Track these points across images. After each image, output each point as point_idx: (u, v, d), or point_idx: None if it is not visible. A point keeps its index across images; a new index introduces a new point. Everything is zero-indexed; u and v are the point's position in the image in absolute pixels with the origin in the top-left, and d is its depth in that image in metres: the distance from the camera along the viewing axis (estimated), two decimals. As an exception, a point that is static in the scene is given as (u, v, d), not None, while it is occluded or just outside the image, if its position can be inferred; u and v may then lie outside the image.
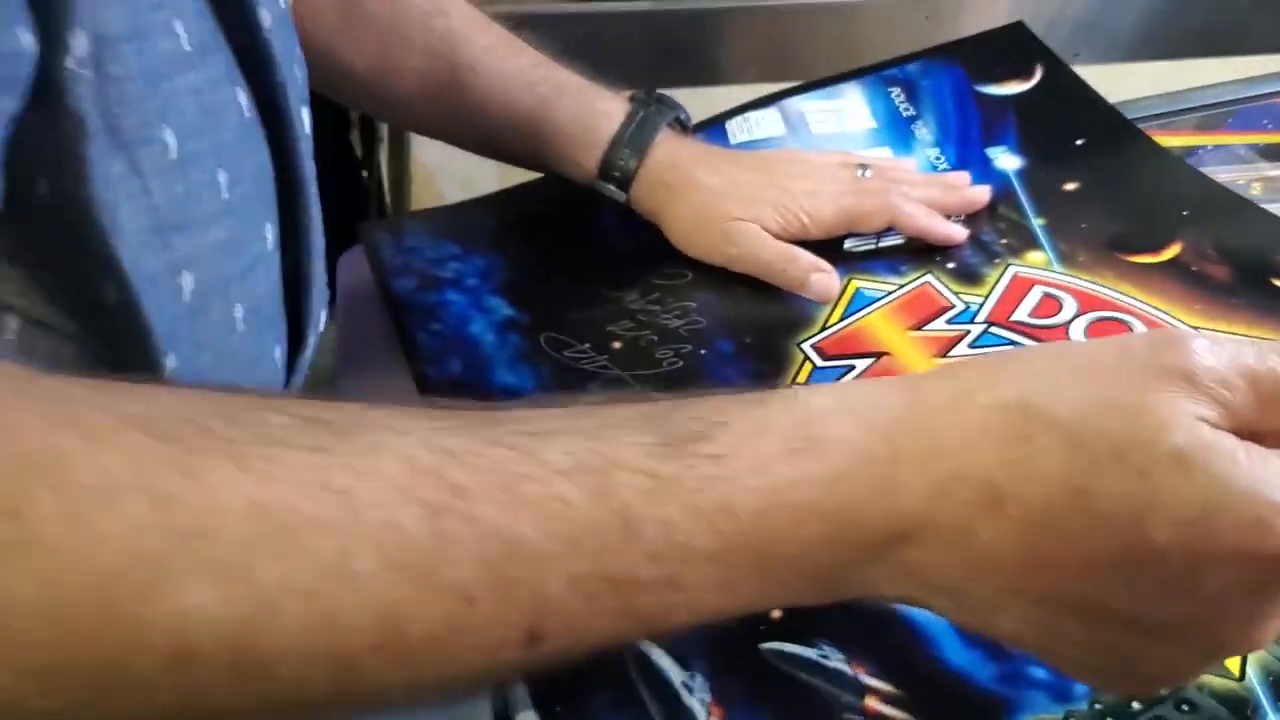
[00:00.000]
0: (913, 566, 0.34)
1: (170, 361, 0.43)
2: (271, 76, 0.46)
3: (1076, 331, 0.60)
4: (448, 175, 1.04)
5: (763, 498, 0.33)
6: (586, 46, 1.02)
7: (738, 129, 0.78)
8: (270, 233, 0.48)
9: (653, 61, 1.05)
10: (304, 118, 0.49)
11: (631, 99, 0.71)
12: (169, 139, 0.41)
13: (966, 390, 0.34)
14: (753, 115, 0.79)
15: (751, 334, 0.63)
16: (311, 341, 0.54)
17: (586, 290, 0.68)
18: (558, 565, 0.31)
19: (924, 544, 0.33)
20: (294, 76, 0.48)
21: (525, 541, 0.31)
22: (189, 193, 0.42)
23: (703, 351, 0.63)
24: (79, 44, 0.36)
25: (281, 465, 0.30)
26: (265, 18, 0.45)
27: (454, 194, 0.98)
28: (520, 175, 0.78)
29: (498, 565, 0.31)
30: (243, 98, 0.45)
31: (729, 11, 1.08)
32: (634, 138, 0.68)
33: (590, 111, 0.69)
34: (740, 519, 0.32)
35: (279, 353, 0.51)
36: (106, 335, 0.41)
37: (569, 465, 0.32)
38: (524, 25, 0.84)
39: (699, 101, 1.07)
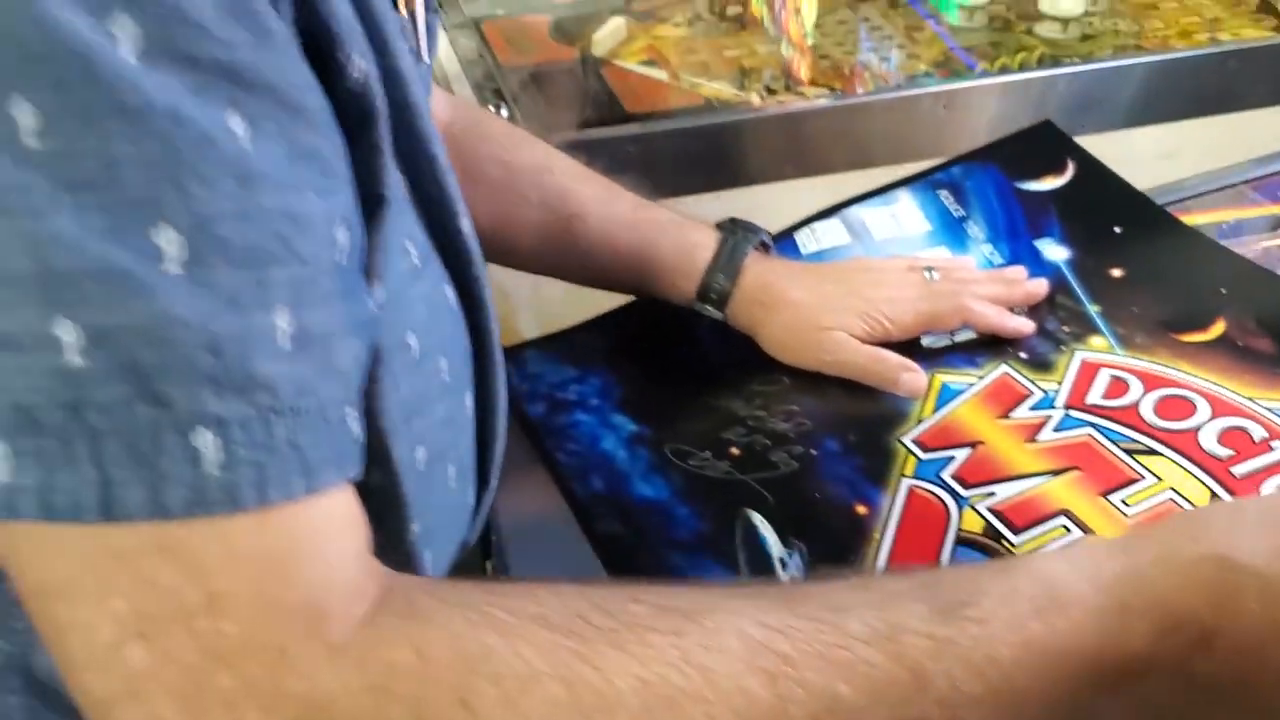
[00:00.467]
0: (1138, 697, 0.42)
1: (416, 528, 0.50)
2: (470, 271, 0.55)
3: (1146, 410, 0.68)
4: (517, 293, 1.12)
5: (1019, 650, 0.41)
6: (641, 161, 1.12)
7: (806, 240, 0.87)
8: (469, 400, 0.56)
9: (700, 169, 1.14)
10: (491, 298, 0.57)
11: (719, 228, 0.79)
12: (412, 341, 0.49)
13: (1172, 548, 0.43)
14: (818, 226, 0.87)
15: (855, 432, 0.71)
16: (494, 484, 0.62)
17: (695, 401, 0.76)
18: (867, 716, 0.40)
19: (1149, 678, 0.42)
20: (484, 268, 0.56)
21: (843, 699, 0.39)
22: (424, 381, 0.50)
23: (813, 452, 0.71)
24: (379, 294, 0.44)
25: (652, 647, 0.38)
26: (465, 225, 0.54)
27: (524, 308, 1.06)
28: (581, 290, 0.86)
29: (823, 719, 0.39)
30: (449, 292, 0.54)
31: (762, 119, 1.17)
32: (726, 263, 0.77)
33: (687, 244, 0.78)
34: (1003, 667, 0.41)
35: (472, 499, 0.59)
36: (369, 513, 0.49)
37: (867, 634, 0.40)
38: (584, 149, 0.93)
39: (747, 200, 1.17)
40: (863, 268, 0.80)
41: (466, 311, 0.55)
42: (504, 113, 1.12)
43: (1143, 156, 1.18)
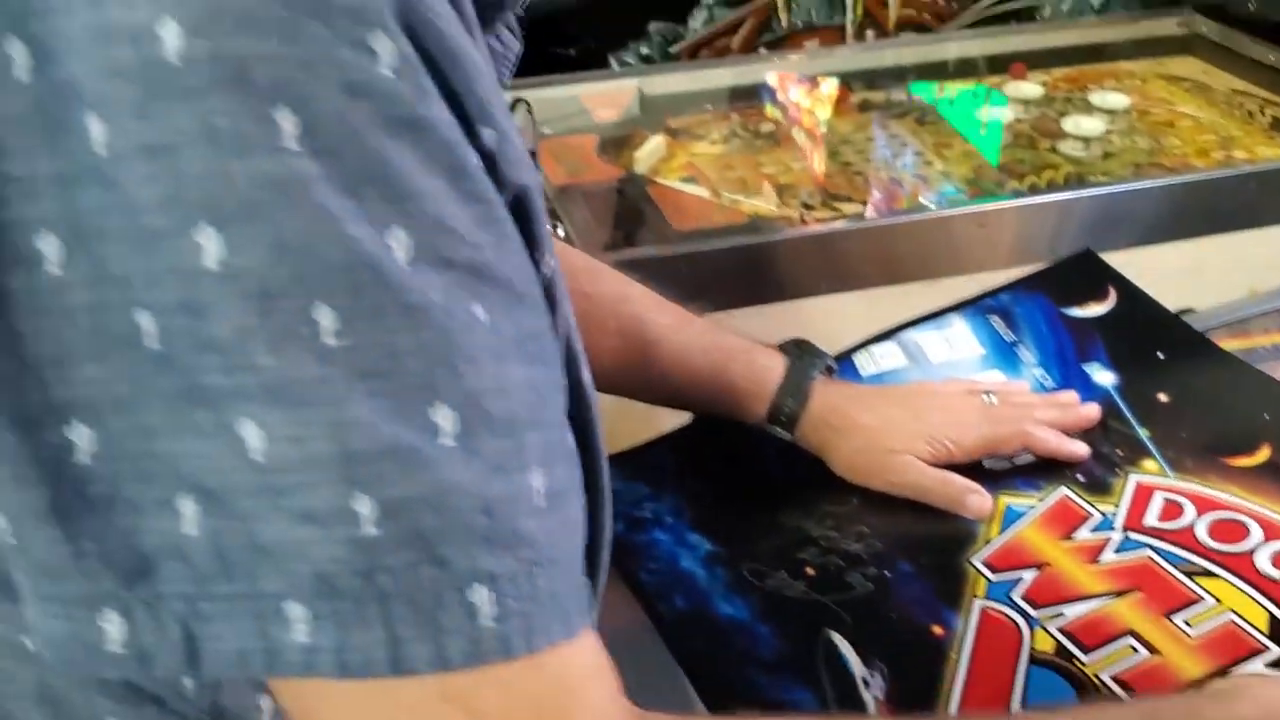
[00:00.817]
0: None
1: None
2: (588, 416, 0.58)
3: (1201, 532, 0.72)
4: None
5: None
6: (690, 279, 1.16)
7: (865, 363, 0.91)
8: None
9: (745, 284, 1.18)
10: (604, 440, 0.61)
11: (785, 351, 0.83)
12: None
13: None
14: (875, 349, 0.92)
15: (926, 554, 0.75)
16: (600, 593, 0.65)
17: (767, 520, 0.80)
18: None
19: None
20: (599, 414, 0.60)
21: None
22: None
23: (887, 573, 0.74)
24: None
25: None
26: (586, 375, 0.58)
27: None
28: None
29: None
30: (569, 438, 0.58)
31: (803, 238, 1.22)
32: (795, 387, 0.81)
33: (756, 368, 0.82)
34: None
35: (579, 612, 0.62)
36: None
37: None
38: (638, 268, 0.97)
39: (789, 314, 1.21)
40: (925, 392, 0.84)
41: (583, 451, 0.59)
42: (560, 231, 1.17)
43: (1167, 272, 1.23)
